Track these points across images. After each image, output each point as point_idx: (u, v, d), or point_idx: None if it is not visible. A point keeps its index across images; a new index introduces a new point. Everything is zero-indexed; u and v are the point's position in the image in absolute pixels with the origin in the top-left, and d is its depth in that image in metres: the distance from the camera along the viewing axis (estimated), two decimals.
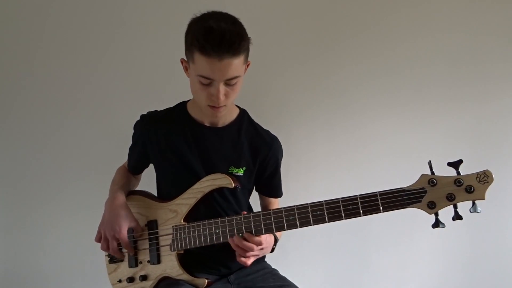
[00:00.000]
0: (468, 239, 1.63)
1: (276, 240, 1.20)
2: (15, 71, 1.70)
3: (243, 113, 1.28)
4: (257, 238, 1.10)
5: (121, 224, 1.18)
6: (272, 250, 1.21)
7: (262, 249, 1.12)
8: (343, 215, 1.01)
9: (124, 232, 1.18)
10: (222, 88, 1.07)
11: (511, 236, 1.63)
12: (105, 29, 1.67)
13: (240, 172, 1.22)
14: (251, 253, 1.11)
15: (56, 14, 1.68)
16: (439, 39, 1.63)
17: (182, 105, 1.27)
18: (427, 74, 1.63)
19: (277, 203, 1.35)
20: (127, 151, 1.34)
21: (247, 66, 1.14)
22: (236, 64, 1.04)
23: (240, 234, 1.11)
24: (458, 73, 1.63)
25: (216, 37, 1.01)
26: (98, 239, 1.22)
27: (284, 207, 1.07)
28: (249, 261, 1.12)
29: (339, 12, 1.65)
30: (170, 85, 1.31)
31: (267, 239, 1.14)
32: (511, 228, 1.63)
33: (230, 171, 1.21)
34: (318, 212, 1.03)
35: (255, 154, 1.24)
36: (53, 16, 1.68)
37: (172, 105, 1.29)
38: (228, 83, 1.08)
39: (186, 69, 1.15)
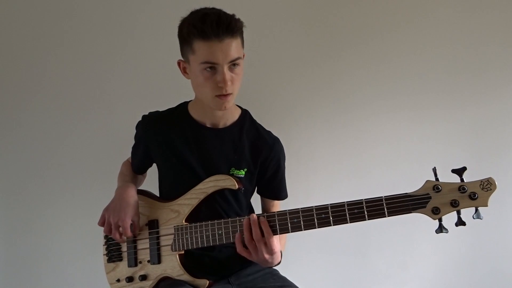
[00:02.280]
0: (468, 240, 1.67)
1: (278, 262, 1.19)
2: (17, 73, 1.71)
3: (245, 114, 1.30)
4: (269, 229, 1.08)
5: (127, 212, 1.20)
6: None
7: (262, 253, 1.09)
8: (348, 218, 1.05)
9: (128, 221, 1.19)
10: (227, 72, 1.10)
11: (510, 237, 1.68)
12: (107, 30, 1.69)
13: (241, 173, 1.25)
14: (252, 246, 1.09)
15: (58, 16, 1.69)
16: (440, 44, 1.66)
17: (184, 106, 1.29)
18: (430, 79, 1.67)
19: (278, 206, 1.37)
20: (130, 151, 1.37)
21: (243, 56, 1.16)
22: (235, 44, 1.09)
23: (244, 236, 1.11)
24: (458, 75, 1.67)
25: (214, 20, 1.06)
26: (102, 223, 1.23)
27: (288, 210, 1.10)
28: (243, 252, 1.11)
29: (344, 16, 1.68)
30: (172, 85, 1.32)
31: (276, 253, 1.11)
32: (510, 227, 1.68)
33: (231, 172, 1.24)
34: (323, 215, 1.07)
35: (256, 155, 1.26)
36: (55, 17, 1.69)
37: (174, 105, 1.31)
38: (232, 66, 1.11)
39: (184, 70, 1.18)
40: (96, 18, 1.69)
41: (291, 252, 1.60)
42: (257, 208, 1.39)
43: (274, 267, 1.32)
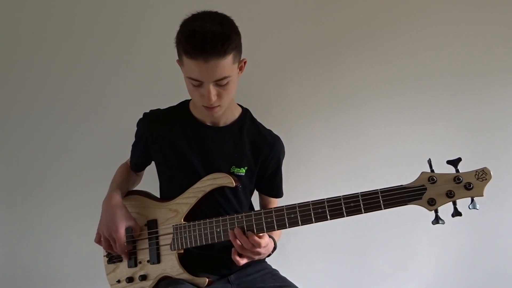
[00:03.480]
0: (468, 239, 1.67)
1: (274, 248, 1.23)
2: (17, 74, 1.74)
3: (245, 113, 1.31)
4: (257, 239, 1.12)
5: (118, 223, 1.20)
6: (269, 255, 1.24)
7: (259, 252, 1.14)
8: (344, 212, 1.06)
9: (121, 232, 1.20)
10: (212, 88, 1.10)
11: (510, 235, 1.68)
12: (107, 29, 1.71)
13: (242, 171, 1.26)
14: (248, 252, 1.13)
15: (58, 15, 1.72)
16: (440, 45, 1.68)
17: (185, 104, 1.31)
18: (431, 79, 1.69)
19: (276, 203, 1.38)
20: (130, 150, 1.38)
21: (244, 63, 1.18)
22: (223, 64, 1.06)
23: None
24: (458, 75, 1.69)
25: (198, 40, 1.03)
26: (98, 240, 1.25)
27: (285, 205, 1.12)
28: (242, 261, 1.15)
29: (344, 16, 1.70)
30: (173, 83, 1.34)
31: (268, 244, 1.16)
32: (510, 227, 1.68)
33: (231, 171, 1.25)
34: (319, 210, 1.08)
35: (257, 153, 1.28)
36: (55, 17, 1.72)
37: (174, 103, 1.33)
38: (219, 83, 1.10)
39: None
40: (96, 17, 1.71)
41: (291, 252, 1.61)
42: (257, 206, 1.40)
43: (274, 268, 1.35)
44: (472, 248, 1.68)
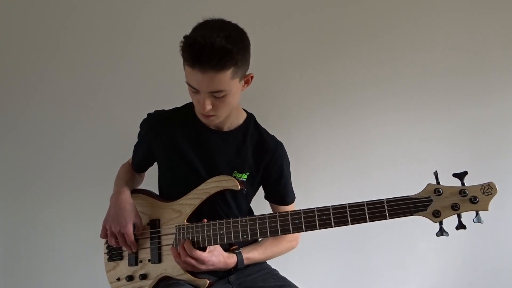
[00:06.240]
0: (469, 239, 1.68)
1: (237, 266, 1.23)
2: (17, 73, 1.72)
3: (250, 118, 1.32)
4: (196, 253, 1.14)
5: (127, 218, 1.21)
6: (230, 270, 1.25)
7: (200, 268, 1.16)
8: (349, 220, 1.07)
9: (130, 227, 1.22)
10: (208, 99, 1.11)
11: (510, 236, 1.70)
12: (109, 28, 1.70)
13: (244, 177, 1.27)
14: (184, 261, 1.16)
15: (60, 15, 1.71)
16: (441, 44, 1.69)
17: (189, 106, 1.31)
18: (432, 79, 1.69)
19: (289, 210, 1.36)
20: (132, 150, 1.38)
21: (251, 78, 1.18)
22: (219, 78, 1.07)
23: (245, 236, 1.15)
24: (458, 75, 1.69)
25: (197, 50, 1.04)
26: (104, 235, 1.25)
27: (290, 211, 1.13)
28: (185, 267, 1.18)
29: (345, 16, 1.70)
30: (178, 84, 1.33)
31: (211, 262, 1.17)
32: (511, 227, 1.70)
33: (233, 176, 1.26)
34: (324, 217, 1.09)
35: (259, 159, 1.29)
36: (57, 17, 1.71)
37: (179, 104, 1.33)
38: (215, 95, 1.11)
39: None
40: (102, 16, 1.70)
41: (291, 252, 1.62)
42: (258, 211, 1.40)
43: (274, 268, 1.36)
44: (473, 248, 1.70)
